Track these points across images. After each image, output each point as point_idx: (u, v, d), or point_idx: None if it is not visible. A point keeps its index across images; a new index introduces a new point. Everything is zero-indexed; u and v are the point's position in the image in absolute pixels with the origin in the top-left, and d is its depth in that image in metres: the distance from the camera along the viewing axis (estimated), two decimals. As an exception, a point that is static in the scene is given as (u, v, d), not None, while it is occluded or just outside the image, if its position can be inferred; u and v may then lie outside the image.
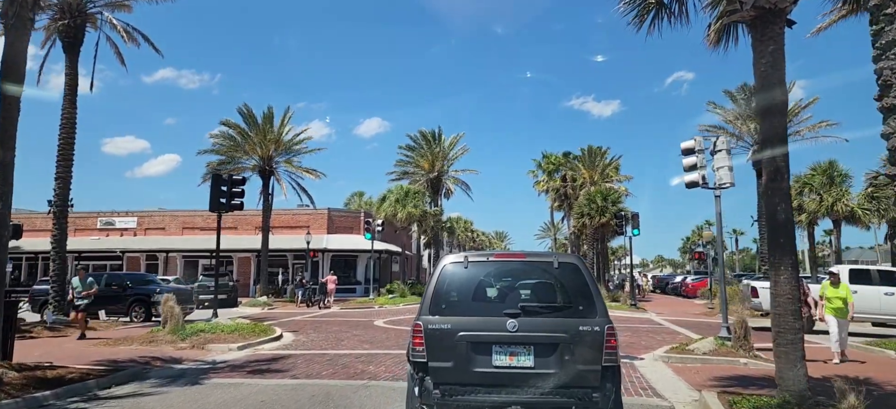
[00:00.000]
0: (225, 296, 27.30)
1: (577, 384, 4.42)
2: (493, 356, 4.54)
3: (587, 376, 4.45)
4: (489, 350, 4.55)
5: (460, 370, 4.52)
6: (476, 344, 4.56)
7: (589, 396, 4.39)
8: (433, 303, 4.84)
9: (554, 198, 40.32)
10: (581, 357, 4.47)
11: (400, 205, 33.71)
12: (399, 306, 26.70)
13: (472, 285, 4.90)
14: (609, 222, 29.98)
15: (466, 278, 4.92)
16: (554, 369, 4.45)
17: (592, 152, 34.64)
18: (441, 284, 4.94)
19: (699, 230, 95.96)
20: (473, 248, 67.36)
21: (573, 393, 4.40)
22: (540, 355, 4.51)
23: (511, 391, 4.40)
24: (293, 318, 20.55)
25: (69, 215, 40.89)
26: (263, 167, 29.08)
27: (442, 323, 4.68)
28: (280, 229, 37.36)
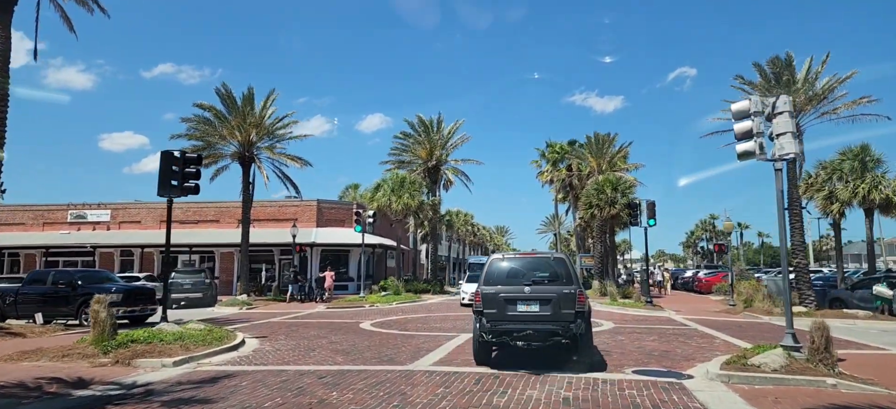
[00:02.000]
0: (200, 295, 25.15)
1: (562, 320, 8.25)
2: (517, 306, 8.43)
3: (568, 315, 8.25)
4: (515, 303, 8.44)
5: (500, 314, 8.44)
6: (508, 299, 8.47)
7: (567, 326, 8.19)
8: (486, 279, 8.87)
9: (558, 189, 38.02)
10: (564, 306, 8.27)
11: (395, 195, 31.41)
12: (392, 304, 24.47)
13: (507, 269, 8.99)
14: (619, 213, 27.70)
15: (504, 266, 9.10)
16: (550, 312, 8.29)
17: (600, 140, 32.38)
18: (490, 268, 9.08)
19: (703, 224, 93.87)
20: (473, 243, 65.13)
21: (559, 324, 8.23)
22: (543, 304, 8.36)
23: (527, 324, 8.32)
24: (270, 320, 18.32)
25: (37, 207, 38.85)
26: (243, 154, 26.77)
27: (490, 289, 8.63)
28: (265, 221, 35.11)
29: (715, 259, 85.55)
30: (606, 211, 27.88)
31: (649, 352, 10.47)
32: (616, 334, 13.58)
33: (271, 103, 27.07)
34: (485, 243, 72.78)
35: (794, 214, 19.82)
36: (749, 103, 9.27)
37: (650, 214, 21.21)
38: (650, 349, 11.03)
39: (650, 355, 10.12)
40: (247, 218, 27.01)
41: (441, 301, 27.09)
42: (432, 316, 19.01)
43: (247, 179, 27.10)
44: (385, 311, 21.47)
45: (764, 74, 20.19)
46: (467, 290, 23.19)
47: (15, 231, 36.96)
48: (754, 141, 9.11)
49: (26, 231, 36.99)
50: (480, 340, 8.61)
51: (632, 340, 12.49)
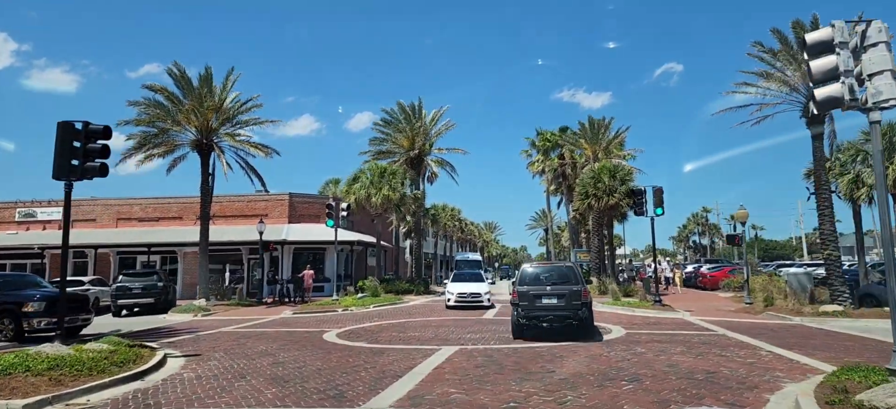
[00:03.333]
0: (151, 300, 22.25)
1: (573, 309, 11.75)
2: (542, 299, 11.92)
3: (576, 305, 11.75)
4: (541, 297, 11.94)
5: (531, 305, 11.92)
6: (535, 295, 11.97)
7: (576, 312, 11.71)
8: (520, 281, 12.62)
9: (550, 180, 35.54)
10: (574, 299, 11.76)
11: (374, 187, 28.67)
12: (369, 308, 21.76)
13: (533, 274, 13.03)
14: (618, 203, 25.26)
15: (531, 271, 13.30)
16: (564, 303, 11.77)
17: (595, 125, 29.91)
18: (523, 273, 13.21)
19: (696, 218, 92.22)
20: (461, 239, 62.52)
21: (571, 311, 11.73)
22: (559, 298, 11.84)
23: (548, 311, 11.80)
24: (222, 329, 15.56)
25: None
26: (201, 141, 23.82)
27: (523, 288, 12.19)
28: (232, 218, 32.16)
29: (708, 253, 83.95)
30: (604, 201, 25.41)
31: (689, 374, 7.93)
32: (633, 345, 11.04)
33: (232, 86, 24.16)
34: (473, 240, 70.22)
35: (823, 198, 17.47)
36: (832, 31, 6.73)
37: (657, 201, 18.76)
38: (687, 367, 8.48)
39: (694, 380, 7.57)
40: (206, 213, 24.08)
41: (424, 303, 24.43)
42: (412, 322, 16.35)
43: (206, 170, 24.18)
44: (358, 316, 18.77)
45: (785, 40, 17.79)
46: (454, 290, 20.70)
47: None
48: (842, 83, 6.58)
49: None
50: (517, 322, 12.20)
51: (656, 353, 9.95)
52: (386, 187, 28.57)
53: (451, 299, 20.41)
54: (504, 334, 12.91)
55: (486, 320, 16.58)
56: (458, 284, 21.20)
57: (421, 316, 18.44)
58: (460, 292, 20.43)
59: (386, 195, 28.27)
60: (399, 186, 29.18)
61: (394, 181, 29.11)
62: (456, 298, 20.29)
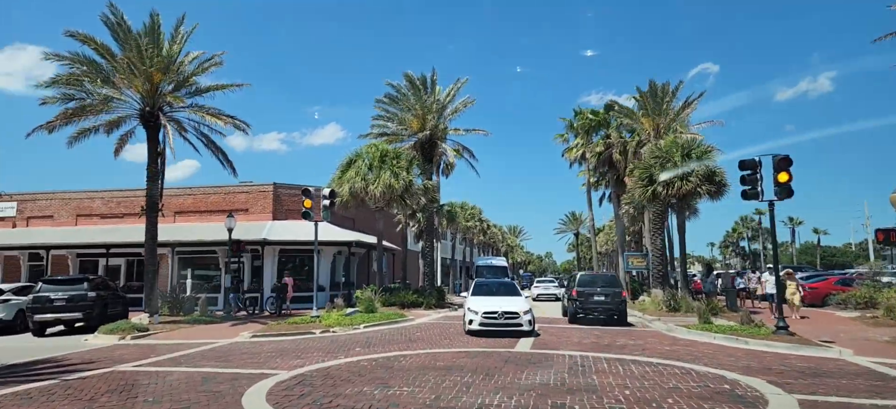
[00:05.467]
0: (79, 315, 17.21)
1: (615, 304, 17.64)
2: (594, 297, 17.77)
3: (618, 302, 17.68)
4: (593, 295, 17.82)
5: (586, 300, 17.83)
6: (589, 294, 17.87)
7: (618, 306, 17.59)
8: (578, 284, 18.44)
9: (593, 168, 29.47)
10: (617, 297, 17.73)
11: (373, 173, 23.20)
12: (357, 329, 16.27)
13: (588, 278, 19.09)
14: (696, 189, 19.21)
15: (586, 276, 19.33)
16: (610, 300, 17.69)
17: (657, 92, 23.76)
18: (581, 278, 19.03)
19: (745, 221, 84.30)
20: (483, 243, 56.56)
21: (614, 306, 17.61)
22: (606, 296, 17.72)
23: (598, 305, 17.69)
24: (116, 367, 10.50)
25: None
26: (147, 110, 18.69)
27: (581, 289, 18.09)
28: (207, 213, 27.12)
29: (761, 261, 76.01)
30: (675, 187, 19.37)
31: None
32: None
33: (186, 38, 18.95)
34: (497, 244, 64.19)
35: None
36: None
37: (781, 175, 12.69)
38: None
39: None
40: (153, 203, 18.91)
41: (435, 322, 18.77)
42: (407, 360, 10.71)
43: (155, 148, 19.06)
44: (336, 344, 13.24)
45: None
46: (477, 307, 14.46)
47: None
48: None
49: (-90, 230, 29.31)
50: (574, 313, 17.83)
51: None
52: (387, 174, 23.07)
53: (475, 320, 14.25)
54: (558, 396, 7.21)
55: (525, 358, 10.85)
56: (483, 299, 14.98)
57: (425, 346, 12.79)
58: (488, 310, 14.14)
59: (387, 183, 22.77)
60: (404, 172, 23.63)
61: (397, 166, 23.61)
62: (482, 319, 14.15)
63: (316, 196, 19.02)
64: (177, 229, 26.84)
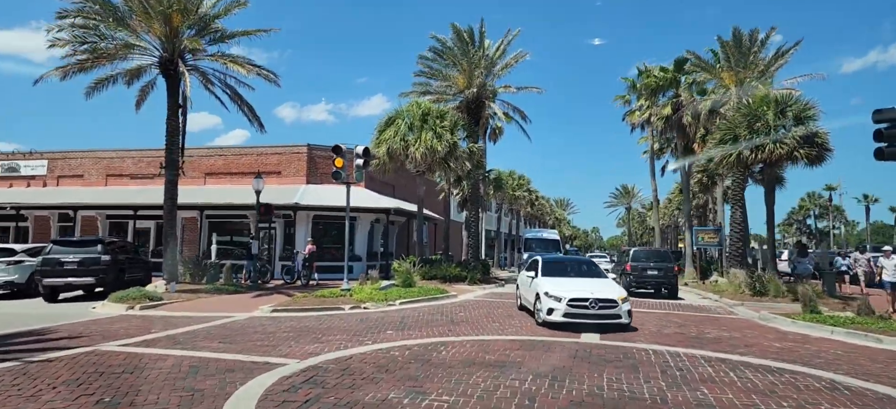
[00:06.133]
0: (92, 279, 16.08)
1: (667, 278, 18.92)
2: (647, 271, 19.21)
3: (670, 276, 18.89)
4: (646, 270, 19.24)
5: (640, 274, 19.26)
6: (643, 268, 19.31)
7: (669, 280, 18.84)
8: (632, 259, 19.87)
9: (661, 131, 26.26)
10: (669, 271, 18.95)
11: (414, 133, 21.06)
12: (392, 305, 14.38)
13: (643, 253, 20.71)
14: (792, 152, 16.08)
15: (641, 252, 20.79)
16: (662, 273, 18.97)
17: (742, 42, 20.19)
18: (635, 254, 20.54)
19: (813, 198, 77.66)
20: (530, 216, 53.83)
21: (665, 280, 18.89)
22: (658, 270, 19.07)
23: (652, 278, 19.13)
24: (106, 345, 8.97)
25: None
26: (166, 57, 17.08)
27: (636, 263, 19.55)
28: (238, 176, 25.77)
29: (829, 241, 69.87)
30: (767, 150, 16.28)
31: None
32: None
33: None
34: (544, 217, 61.24)
35: None
36: None
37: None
38: None
39: None
40: (173, 161, 17.47)
41: (481, 300, 16.66)
42: (447, 354, 8.60)
43: (174, 100, 17.52)
44: (366, 324, 11.31)
45: None
46: (559, 291, 10.82)
47: (-62, 188, 29.55)
48: None
49: (-48, 188, 29.49)
50: (628, 286, 18.17)
51: None
52: (429, 134, 20.84)
53: (556, 309, 10.59)
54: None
55: (599, 355, 8.57)
56: (561, 281, 11.38)
57: (470, 330, 10.70)
58: (577, 297, 10.52)
59: (429, 145, 20.56)
60: (448, 133, 21.34)
61: (441, 126, 21.34)
62: (567, 308, 10.50)
63: (348, 155, 17.05)
64: (206, 191, 25.74)
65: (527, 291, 12.73)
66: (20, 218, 26.98)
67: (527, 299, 12.73)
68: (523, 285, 13.36)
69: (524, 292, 13.14)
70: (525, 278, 13.21)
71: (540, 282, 11.63)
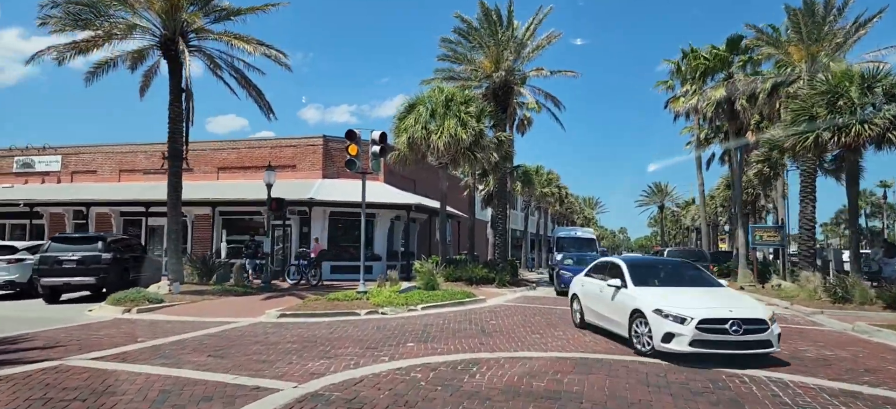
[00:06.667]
0: (92, 279, 14.92)
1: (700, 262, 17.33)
2: None
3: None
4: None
5: None
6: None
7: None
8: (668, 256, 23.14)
9: (711, 117, 23.96)
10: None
11: (436, 120, 19.42)
12: (414, 310, 12.81)
13: (676, 253, 24.86)
14: (886, 133, 13.90)
15: (675, 251, 28.25)
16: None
17: (815, 10, 17.89)
18: (669, 253, 26.17)
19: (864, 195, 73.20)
20: (559, 214, 51.67)
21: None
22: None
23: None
24: (68, 359, 7.54)
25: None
26: (167, 37, 15.81)
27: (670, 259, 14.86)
28: (252, 170, 24.53)
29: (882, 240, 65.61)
30: (855, 133, 14.11)
31: None
32: None
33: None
34: (572, 216, 58.90)
35: None
36: None
37: None
38: None
39: None
40: (177, 151, 16.18)
41: (513, 305, 14.94)
42: (482, 379, 6.92)
43: (177, 82, 16.26)
44: (382, 334, 9.71)
45: None
46: (679, 310, 7.67)
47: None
48: None
49: (-34, 185, 29.06)
50: None
51: None
52: (453, 121, 19.16)
53: (681, 334, 7.45)
54: None
55: (679, 380, 6.81)
56: (669, 292, 8.41)
57: (506, 342, 9.04)
58: (709, 318, 7.48)
59: (453, 133, 18.89)
60: (473, 120, 19.64)
61: (466, 113, 19.63)
62: (696, 333, 7.39)
63: (364, 146, 15.47)
64: (219, 186, 24.60)
65: (604, 305, 9.27)
66: (35, 215, 26.28)
67: (604, 317, 9.32)
68: (592, 297, 9.88)
69: (597, 306, 9.63)
70: (597, 286, 9.71)
71: (636, 294, 8.46)
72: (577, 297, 10.71)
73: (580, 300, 10.49)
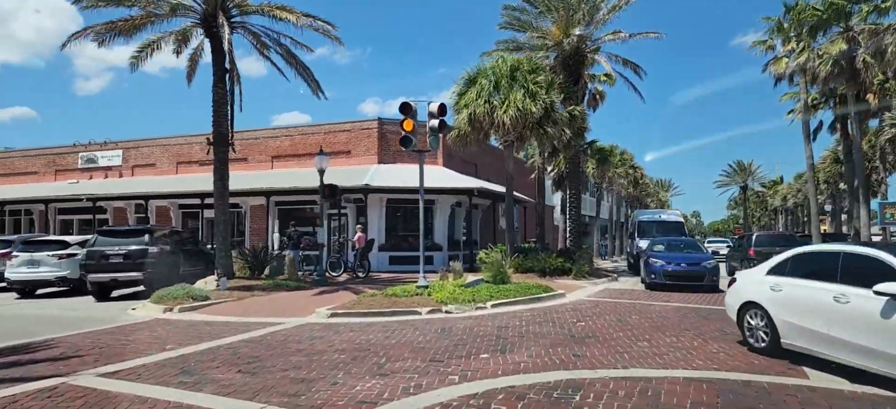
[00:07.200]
0: (139, 274, 14.28)
1: None
2: None
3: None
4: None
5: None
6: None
7: None
8: (756, 243, 18.63)
9: (824, 77, 20.45)
10: None
11: (500, 93, 17.46)
12: (483, 308, 11.09)
13: (765, 239, 19.64)
14: None
15: (763, 236, 21.43)
16: None
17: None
18: (758, 238, 19.76)
19: None
20: (632, 197, 48.10)
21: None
22: None
23: None
24: (74, 376, 6.35)
25: (49, 151, 31.85)
26: (208, 13, 14.77)
27: (758, 247, 17.18)
28: (306, 157, 23.53)
29: None
30: None
31: None
32: None
33: None
34: (646, 199, 54.93)
35: None
36: None
37: None
38: None
39: None
40: (222, 136, 15.18)
41: (598, 301, 12.88)
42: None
43: (220, 61, 15.20)
44: (448, 340, 8.03)
45: None
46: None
47: (29, 181, 30.30)
48: None
49: (40, 181, 30.12)
50: None
51: None
52: (520, 93, 17.11)
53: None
54: None
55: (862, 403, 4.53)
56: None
57: (613, 358, 7.16)
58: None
59: (521, 107, 16.85)
60: (542, 90, 17.51)
61: (534, 83, 17.53)
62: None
63: (419, 125, 13.72)
64: (274, 175, 23.83)
65: (853, 326, 5.68)
66: (99, 210, 26.69)
67: (852, 345, 5.68)
68: (812, 310, 6.25)
69: (829, 327, 5.96)
70: (824, 294, 6.09)
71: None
72: (758, 307, 7.06)
73: (769, 313, 6.86)
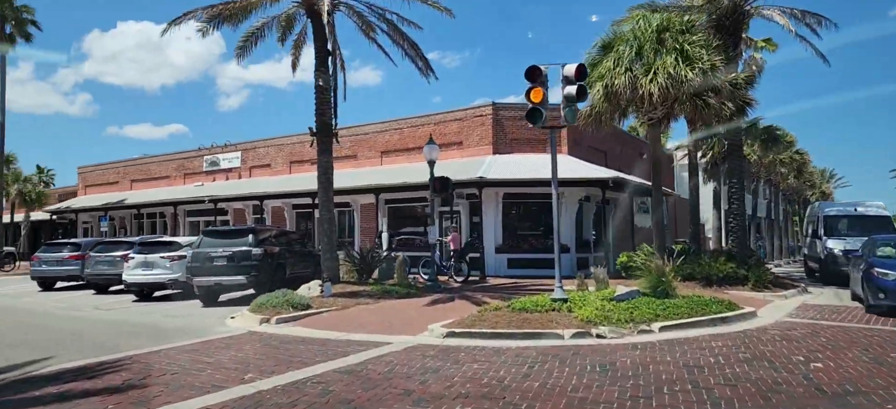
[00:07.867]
0: (243, 278, 13.50)
1: None
2: None
3: None
4: None
5: None
6: None
7: None
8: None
9: None
10: None
11: (644, 59, 14.35)
12: (651, 331, 8.30)
13: None
14: None
15: None
16: None
17: None
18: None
19: None
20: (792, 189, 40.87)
21: None
22: None
23: None
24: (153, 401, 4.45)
25: (178, 156, 33.67)
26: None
27: None
28: (415, 152, 22.01)
29: None
30: None
31: None
32: None
33: None
34: (806, 192, 46.66)
35: None
36: None
37: None
38: None
39: None
40: (325, 125, 13.89)
41: (807, 322, 9.58)
42: None
43: (322, 45, 13.90)
44: (611, 384, 5.41)
45: None
46: None
47: (162, 185, 32.43)
48: None
49: (171, 184, 32.08)
50: None
51: None
52: (671, 58, 13.87)
53: None
54: None
55: None
56: None
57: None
58: None
59: (673, 72, 13.57)
60: (703, 53, 14.09)
61: (691, 45, 14.17)
62: None
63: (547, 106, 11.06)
64: (383, 172, 22.67)
65: None
66: (220, 211, 27.58)
67: None
68: None
69: None
70: None
71: None
72: None
73: None
